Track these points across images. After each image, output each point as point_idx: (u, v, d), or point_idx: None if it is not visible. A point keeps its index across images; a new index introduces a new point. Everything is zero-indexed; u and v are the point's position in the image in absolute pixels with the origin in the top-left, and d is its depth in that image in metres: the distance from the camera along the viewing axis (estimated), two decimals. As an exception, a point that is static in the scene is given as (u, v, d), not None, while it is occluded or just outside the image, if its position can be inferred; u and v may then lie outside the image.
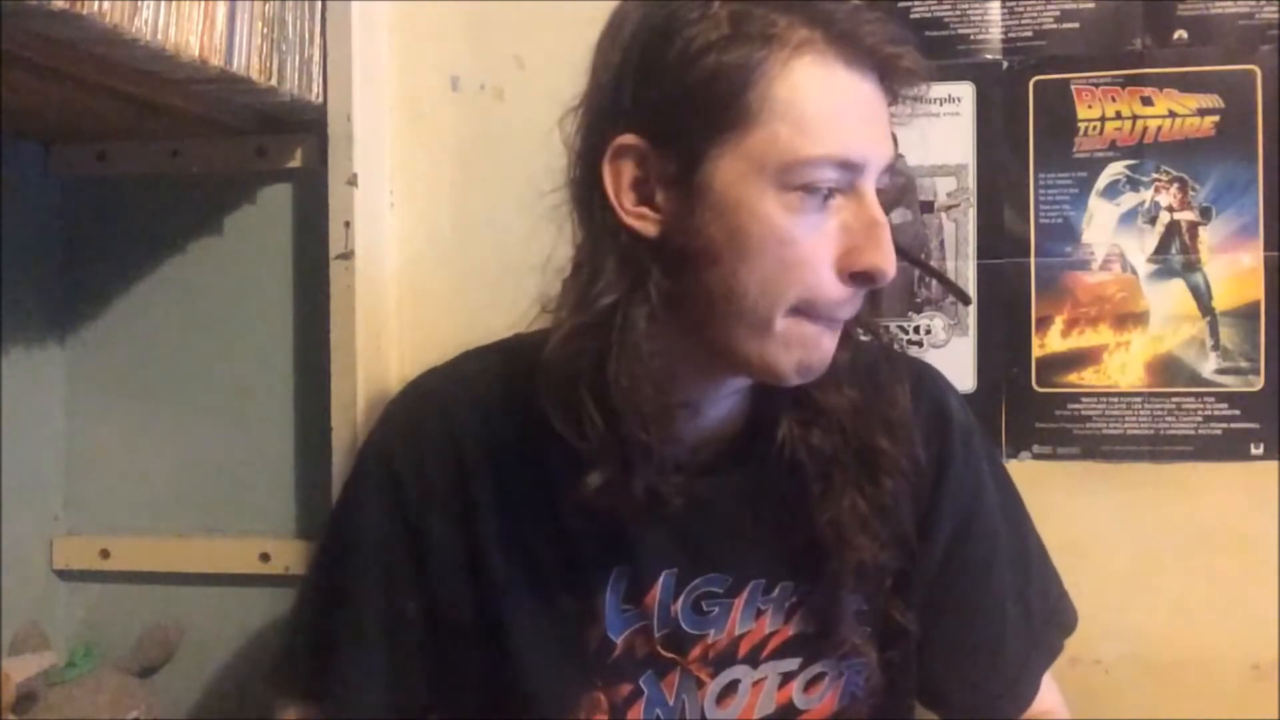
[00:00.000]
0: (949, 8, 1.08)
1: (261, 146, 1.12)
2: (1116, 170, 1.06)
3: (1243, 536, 1.03)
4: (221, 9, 0.90)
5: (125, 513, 1.18)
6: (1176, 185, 1.05)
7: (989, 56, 1.07)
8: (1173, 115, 1.05)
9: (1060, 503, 1.04)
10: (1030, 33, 1.07)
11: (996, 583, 0.84)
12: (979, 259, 1.08)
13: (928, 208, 1.08)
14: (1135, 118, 1.05)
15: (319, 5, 1.05)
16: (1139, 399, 1.05)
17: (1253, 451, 1.04)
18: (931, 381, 0.86)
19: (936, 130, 1.07)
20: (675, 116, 0.68)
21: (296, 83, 1.02)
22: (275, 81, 0.98)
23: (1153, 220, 1.05)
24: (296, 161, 1.12)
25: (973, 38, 1.08)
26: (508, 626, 0.79)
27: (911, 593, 0.82)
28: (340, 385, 1.07)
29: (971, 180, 1.08)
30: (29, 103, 0.96)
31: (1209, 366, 1.05)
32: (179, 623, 1.15)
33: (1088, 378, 1.06)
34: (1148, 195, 1.05)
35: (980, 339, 1.08)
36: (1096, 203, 1.06)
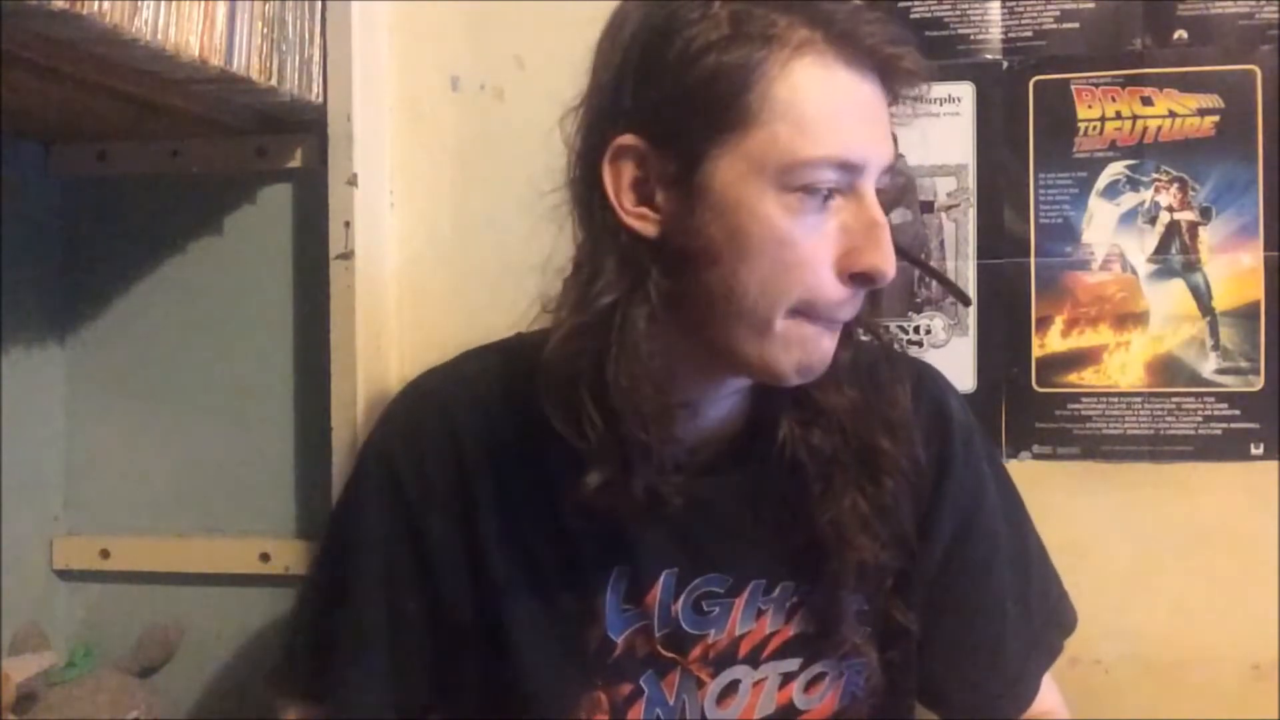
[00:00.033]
0: (949, 8, 1.08)
1: (261, 146, 1.12)
2: (1116, 170, 1.06)
3: (1243, 536, 1.03)
4: (221, 9, 0.90)
5: (125, 513, 1.18)
6: (1176, 185, 1.05)
7: (989, 56, 1.07)
8: (1173, 115, 1.05)
9: (1060, 503, 1.04)
10: (1030, 33, 1.07)
11: (997, 583, 0.84)
12: (979, 259, 1.08)
13: (928, 208, 1.08)
14: (1135, 118, 1.05)
15: (319, 5, 1.05)
16: (1139, 399, 1.05)
17: (1253, 451, 1.04)
18: (932, 382, 0.86)
19: (936, 130, 1.07)
20: (675, 117, 0.68)
21: (296, 83, 1.02)
22: (275, 81, 0.98)
23: (1153, 220, 1.05)
24: (296, 161, 1.12)
25: (973, 38, 1.08)
26: (508, 626, 0.79)
27: (912, 593, 0.82)
28: (340, 385, 1.07)
29: (971, 180, 1.08)
30: (29, 103, 0.96)
31: (1209, 366, 1.05)
32: (179, 623, 1.15)
33: (1088, 378, 1.06)
34: (1148, 195, 1.05)
35: (980, 339, 1.08)
36: (1096, 203, 1.06)
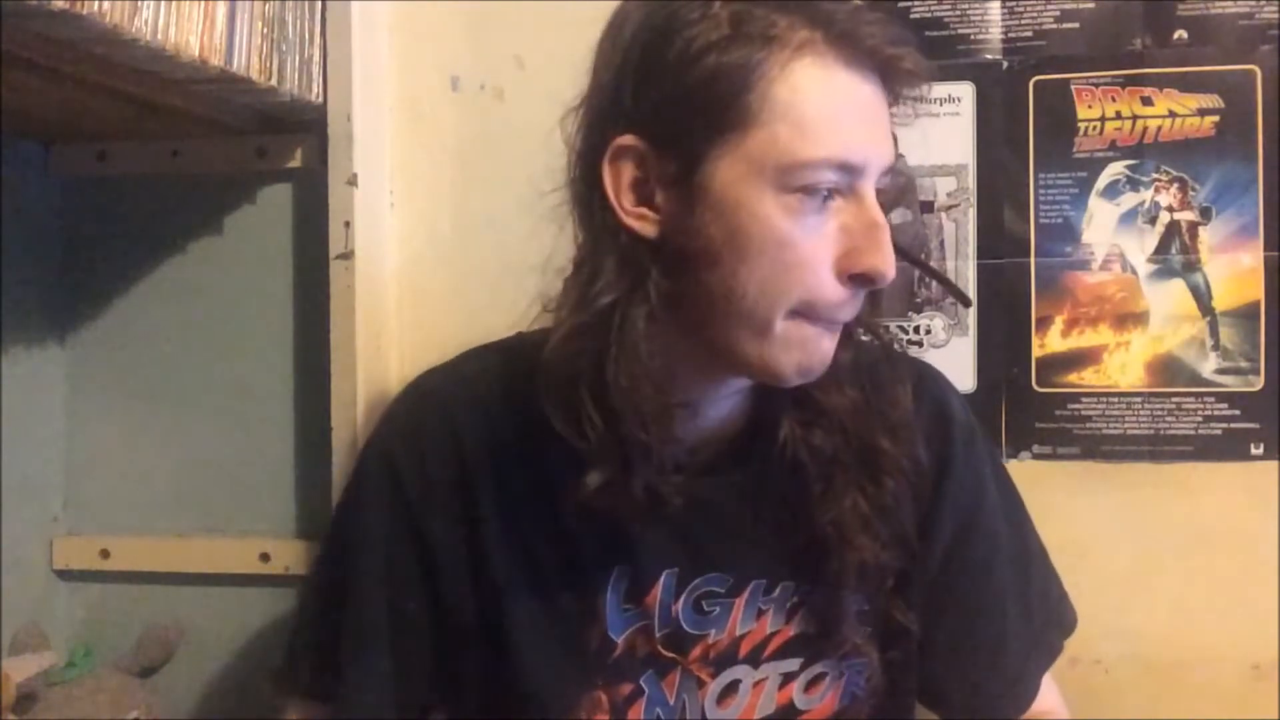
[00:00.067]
0: (949, 8, 1.08)
1: (261, 146, 1.12)
2: (1116, 170, 1.06)
3: (1243, 536, 1.03)
4: (221, 9, 0.90)
5: (125, 513, 1.18)
6: (1176, 185, 1.05)
7: (989, 56, 1.07)
8: (1173, 115, 1.05)
9: (1060, 503, 1.04)
10: (1030, 33, 1.07)
11: (997, 583, 0.84)
12: (979, 259, 1.08)
13: (928, 208, 1.08)
14: (1135, 118, 1.05)
15: (319, 5, 1.05)
16: (1139, 399, 1.05)
17: (1253, 451, 1.04)
18: (933, 382, 0.86)
19: (936, 130, 1.07)
20: (675, 117, 0.68)
21: (296, 83, 1.02)
22: (275, 81, 0.98)
23: (1153, 220, 1.05)
24: (296, 161, 1.12)
25: (973, 38, 1.08)
26: (508, 626, 0.79)
27: (912, 593, 0.82)
28: (340, 385, 1.07)
29: (971, 180, 1.08)
30: (29, 103, 0.96)
31: (1209, 366, 1.05)
32: (179, 623, 1.15)
33: (1088, 378, 1.06)
34: (1148, 195, 1.05)
35: (980, 339, 1.08)
36: (1096, 203, 1.06)
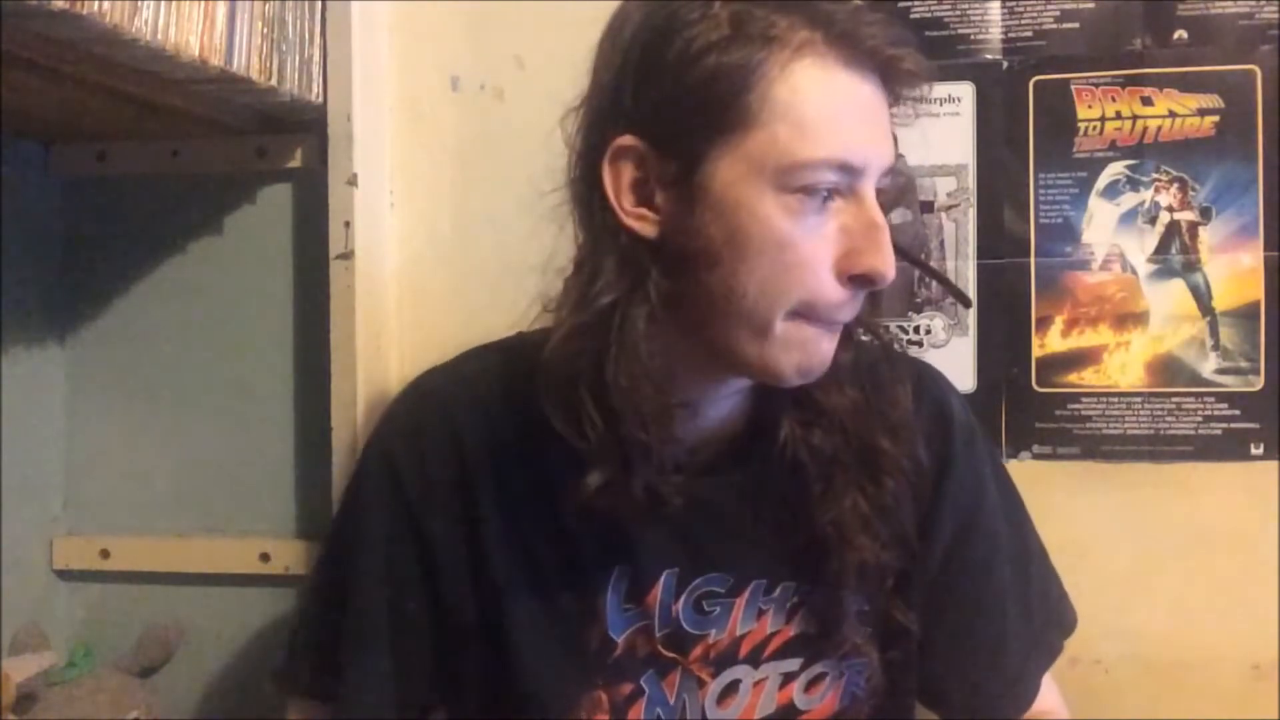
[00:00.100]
0: (949, 8, 1.08)
1: (261, 146, 1.12)
2: (1116, 170, 1.06)
3: (1243, 536, 1.03)
4: (221, 9, 0.90)
5: (125, 513, 1.18)
6: (1176, 185, 1.05)
7: (989, 56, 1.07)
8: (1173, 115, 1.05)
9: (1060, 503, 1.04)
10: (1030, 33, 1.07)
11: (997, 583, 0.84)
12: (979, 259, 1.08)
13: (928, 208, 1.08)
14: (1135, 118, 1.05)
15: (319, 5, 1.05)
16: (1139, 399, 1.05)
17: (1253, 451, 1.04)
18: (933, 382, 0.86)
19: (936, 130, 1.07)
20: (675, 117, 0.68)
21: (296, 83, 1.02)
22: (275, 81, 0.98)
23: (1153, 220, 1.05)
24: (296, 161, 1.12)
25: (973, 38, 1.08)
26: (508, 626, 0.79)
27: (912, 593, 0.82)
28: (340, 385, 1.07)
29: (971, 180, 1.08)
30: (29, 103, 0.96)
31: (1209, 366, 1.05)
32: (179, 623, 1.15)
33: (1088, 378, 1.06)
34: (1148, 195, 1.05)
35: (980, 339, 1.08)
36: (1096, 203, 1.06)
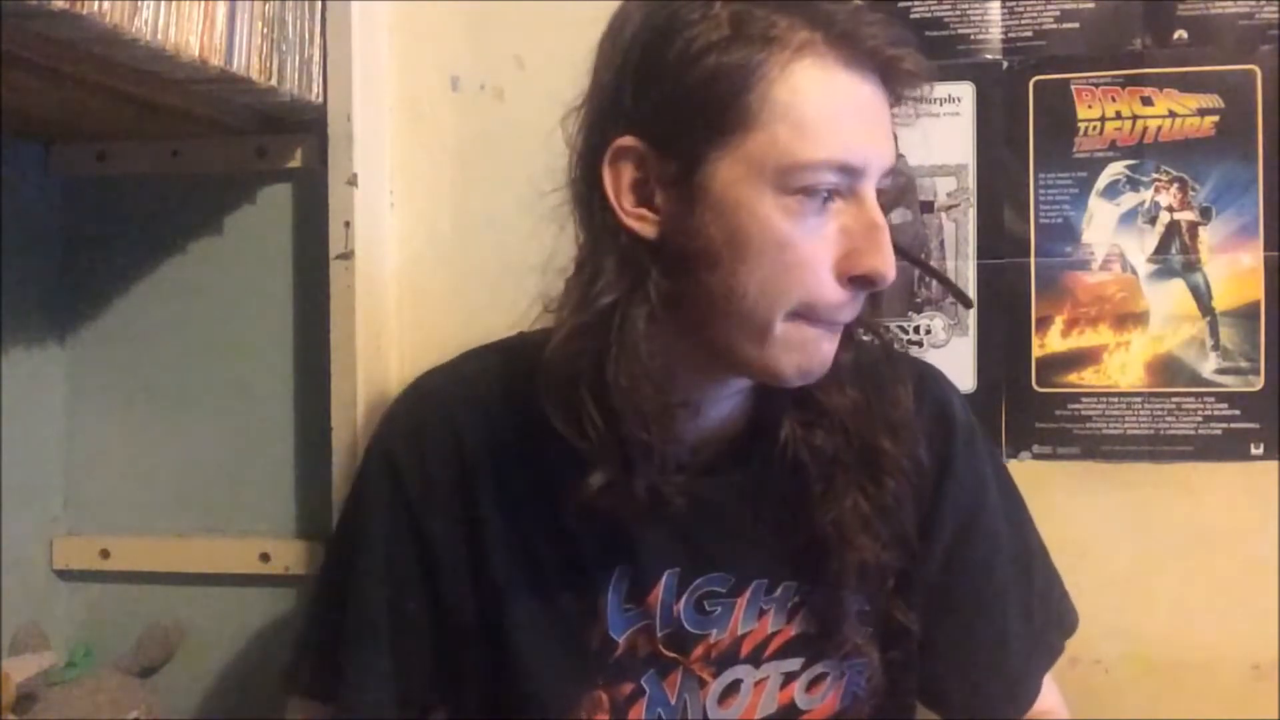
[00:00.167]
0: (949, 8, 1.08)
1: (261, 146, 1.12)
2: (1116, 170, 1.06)
3: (1243, 536, 1.03)
4: (221, 9, 0.90)
5: (125, 513, 1.18)
6: (1176, 185, 1.05)
7: (989, 56, 1.07)
8: (1173, 115, 1.05)
9: (1060, 503, 1.04)
10: (1030, 33, 1.07)
11: (998, 583, 0.84)
12: (979, 259, 1.08)
13: (928, 208, 1.08)
14: (1135, 118, 1.05)
15: (319, 5, 1.05)
16: (1139, 399, 1.05)
17: (1253, 451, 1.04)
18: (934, 382, 0.86)
19: (936, 130, 1.07)
20: (674, 118, 0.68)
21: (296, 83, 1.02)
22: (275, 81, 0.98)
23: (1153, 220, 1.05)
24: (296, 161, 1.12)
25: (973, 38, 1.08)
26: (509, 626, 0.79)
27: (913, 593, 0.82)
28: (340, 385, 1.07)
29: (971, 180, 1.08)
30: (29, 103, 0.96)
31: (1209, 366, 1.05)
32: (179, 623, 1.15)
33: (1088, 378, 1.06)
34: (1148, 195, 1.05)
35: (980, 339, 1.08)
36: (1096, 203, 1.06)
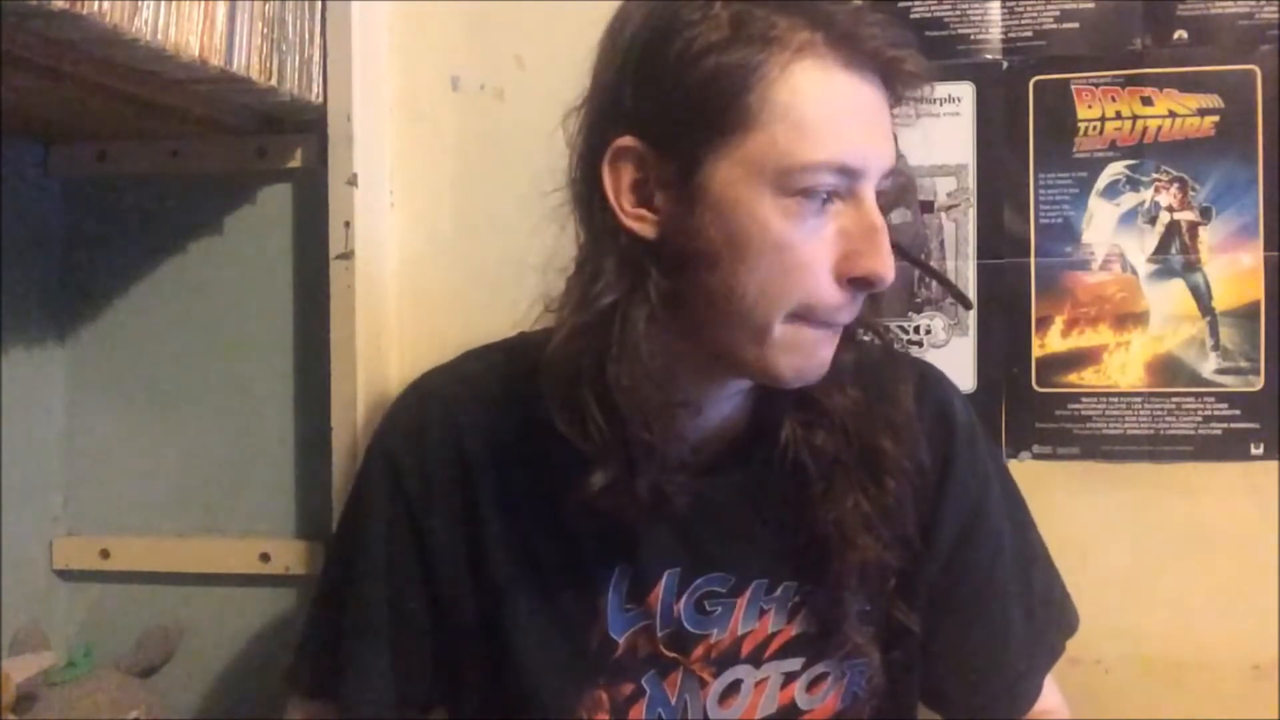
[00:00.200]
0: (949, 8, 1.08)
1: (261, 146, 1.12)
2: (1116, 170, 1.06)
3: (1243, 536, 1.03)
4: (221, 9, 0.90)
5: (125, 513, 1.18)
6: (1176, 185, 1.05)
7: (989, 56, 1.07)
8: (1173, 115, 1.05)
9: (1060, 503, 1.04)
10: (1030, 33, 1.07)
11: (999, 584, 0.84)
12: (979, 259, 1.08)
13: (928, 208, 1.08)
14: (1135, 118, 1.05)
15: (319, 5, 1.05)
16: (1139, 399, 1.05)
17: (1253, 451, 1.04)
18: (935, 383, 0.86)
19: (937, 130, 1.06)
20: (674, 118, 0.68)
21: (296, 83, 1.02)
22: (275, 81, 0.98)
23: (1153, 220, 1.05)
24: (296, 161, 1.12)
25: (973, 38, 1.08)
26: (509, 626, 0.79)
27: (914, 593, 0.82)
28: (340, 385, 1.07)
29: (971, 180, 1.08)
30: (29, 103, 0.96)
31: (1209, 366, 1.05)
32: (179, 623, 1.15)
33: (1088, 378, 1.06)
34: (1148, 195, 1.05)
35: (980, 339, 1.08)
36: (1096, 203, 1.06)
